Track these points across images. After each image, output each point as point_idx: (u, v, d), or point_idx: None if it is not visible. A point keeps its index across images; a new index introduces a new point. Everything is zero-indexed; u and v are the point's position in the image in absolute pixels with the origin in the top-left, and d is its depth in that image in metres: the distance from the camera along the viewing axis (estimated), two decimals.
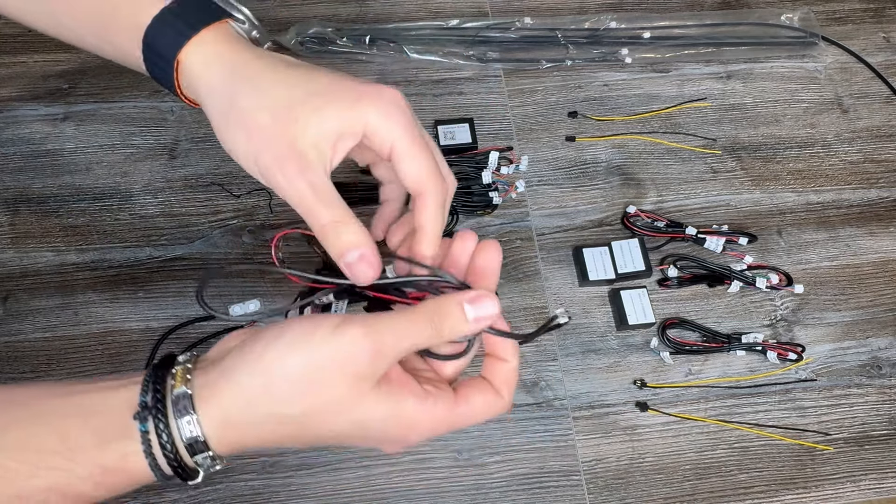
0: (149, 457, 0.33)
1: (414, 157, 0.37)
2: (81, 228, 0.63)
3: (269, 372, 0.33)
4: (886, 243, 0.67)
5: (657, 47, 0.75)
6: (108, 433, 0.33)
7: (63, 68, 0.71)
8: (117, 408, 0.34)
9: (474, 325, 0.35)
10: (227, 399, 0.34)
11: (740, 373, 0.61)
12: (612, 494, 0.56)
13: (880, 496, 0.57)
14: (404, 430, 0.35)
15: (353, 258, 0.35)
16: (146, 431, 0.33)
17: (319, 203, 0.36)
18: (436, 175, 0.38)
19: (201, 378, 0.34)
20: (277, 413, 0.34)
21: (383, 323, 0.34)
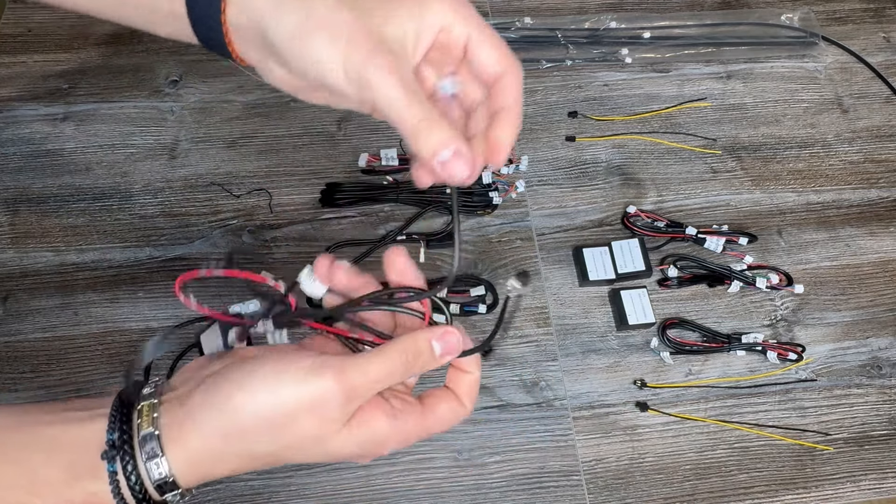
0: (117, 496, 0.33)
1: (491, 42, 0.37)
2: (81, 228, 0.63)
3: (239, 413, 0.33)
4: (886, 243, 0.67)
5: (657, 47, 0.75)
6: (76, 470, 0.33)
7: (63, 68, 0.71)
8: (84, 444, 0.34)
9: (442, 360, 0.36)
10: (195, 441, 0.34)
11: (740, 373, 0.61)
12: (612, 494, 0.56)
13: (880, 496, 0.57)
14: (377, 447, 0.36)
15: (448, 156, 0.34)
16: (114, 472, 0.33)
17: (410, 98, 0.34)
18: (513, 55, 0.37)
19: (168, 416, 0.34)
20: (249, 451, 0.34)
21: (356, 367, 0.34)
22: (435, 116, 0.34)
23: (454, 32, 0.36)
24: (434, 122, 0.34)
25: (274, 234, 0.64)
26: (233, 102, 0.70)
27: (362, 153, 0.67)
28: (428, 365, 0.36)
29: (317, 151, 0.68)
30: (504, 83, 0.37)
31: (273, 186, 0.66)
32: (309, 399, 0.33)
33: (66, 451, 0.34)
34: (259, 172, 0.67)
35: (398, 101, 0.33)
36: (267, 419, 0.33)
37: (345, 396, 0.33)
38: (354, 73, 0.34)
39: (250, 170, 0.67)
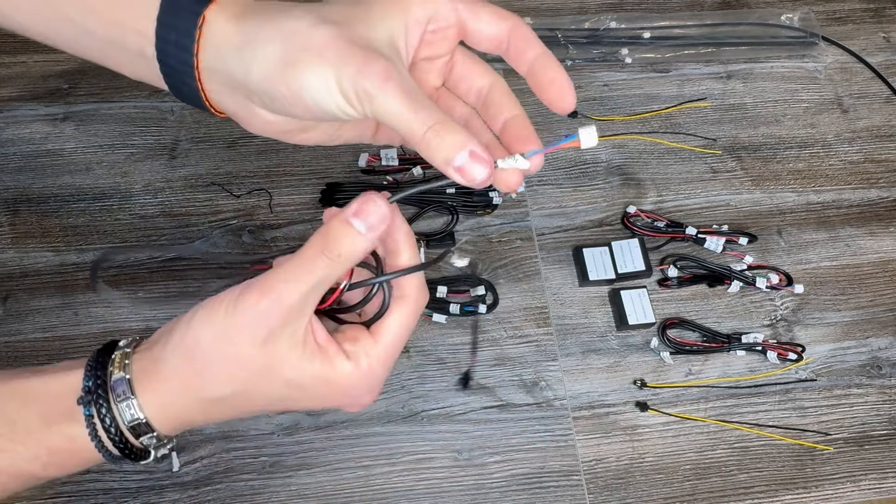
0: (94, 439, 0.34)
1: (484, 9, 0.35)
2: (81, 228, 0.63)
3: (189, 356, 0.34)
4: (886, 243, 0.67)
5: (657, 47, 0.75)
6: (52, 416, 0.34)
7: (63, 68, 0.71)
8: (61, 392, 0.34)
9: (371, 235, 0.33)
10: (161, 384, 0.34)
11: (740, 373, 0.61)
12: (612, 494, 0.56)
13: (880, 496, 0.57)
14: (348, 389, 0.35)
15: (464, 159, 0.32)
16: (90, 415, 0.34)
17: (414, 105, 0.32)
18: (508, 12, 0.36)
19: (139, 363, 0.35)
20: (209, 396, 0.35)
21: (277, 277, 0.33)
22: (443, 119, 0.32)
23: (442, 16, 0.35)
24: (443, 127, 0.32)
25: (274, 234, 0.64)
26: None
27: (362, 153, 0.67)
28: (355, 245, 0.33)
29: (317, 151, 0.68)
30: (518, 36, 0.35)
31: (273, 186, 0.66)
32: (243, 325, 0.33)
33: (43, 399, 0.35)
34: (259, 172, 0.67)
35: (401, 108, 0.32)
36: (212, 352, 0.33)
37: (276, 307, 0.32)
38: (351, 89, 0.32)
39: (250, 170, 0.67)
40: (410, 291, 0.36)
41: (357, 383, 0.35)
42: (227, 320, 0.33)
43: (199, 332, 0.34)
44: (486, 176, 0.32)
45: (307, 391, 0.35)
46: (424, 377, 0.59)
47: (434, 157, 0.32)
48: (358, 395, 0.36)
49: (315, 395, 0.35)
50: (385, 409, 0.57)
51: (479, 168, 0.32)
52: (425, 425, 0.57)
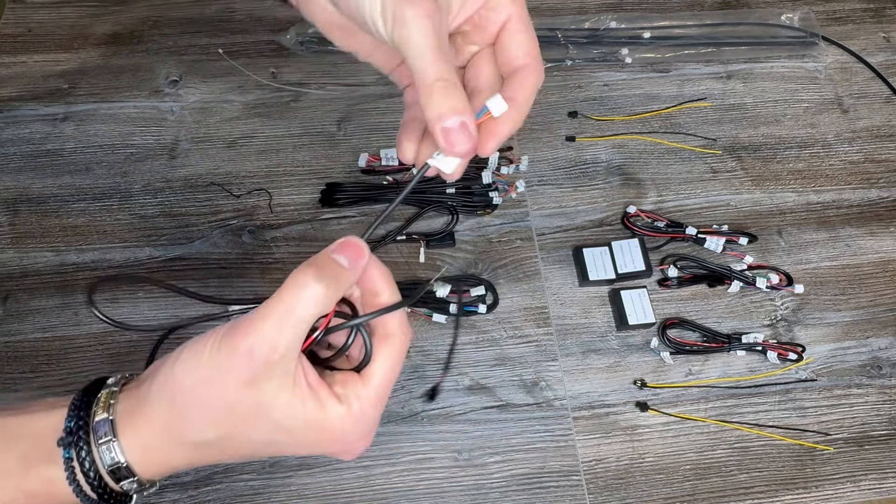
0: (73, 483, 0.33)
1: (527, 31, 0.36)
2: (81, 228, 0.63)
3: (173, 399, 0.33)
4: (886, 243, 0.67)
5: (657, 47, 0.75)
6: (32, 458, 0.33)
7: (63, 68, 0.71)
8: (43, 432, 0.33)
9: (352, 269, 0.34)
10: (143, 427, 0.33)
11: (740, 373, 0.61)
12: (612, 494, 0.56)
13: (880, 496, 0.57)
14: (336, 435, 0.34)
15: (455, 124, 0.32)
16: (69, 458, 0.33)
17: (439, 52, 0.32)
18: (539, 54, 0.37)
19: (124, 403, 0.34)
20: (192, 440, 0.33)
21: (259, 314, 0.32)
22: (456, 81, 0.32)
23: (497, 9, 0.35)
24: (452, 87, 0.32)
25: (274, 234, 0.64)
26: (233, 102, 0.70)
27: (362, 153, 0.67)
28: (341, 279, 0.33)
29: (317, 151, 0.68)
30: (522, 77, 0.36)
31: (273, 186, 0.66)
32: (227, 364, 0.32)
33: (24, 440, 0.34)
34: (259, 172, 0.67)
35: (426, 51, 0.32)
36: (196, 396, 0.32)
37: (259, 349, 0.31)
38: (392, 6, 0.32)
39: (250, 170, 0.67)
40: (394, 330, 0.36)
41: (350, 428, 0.34)
42: (210, 362, 0.32)
43: (182, 373, 0.33)
44: (466, 149, 0.33)
45: (295, 436, 0.34)
46: (424, 377, 0.59)
47: (429, 108, 0.32)
48: (351, 442, 0.35)
49: (305, 440, 0.34)
50: (385, 409, 0.57)
51: (464, 140, 0.33)
52: (425, 425, 0.57)
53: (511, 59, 0.36)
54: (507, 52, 0.36)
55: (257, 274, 0.62)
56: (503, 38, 0.36)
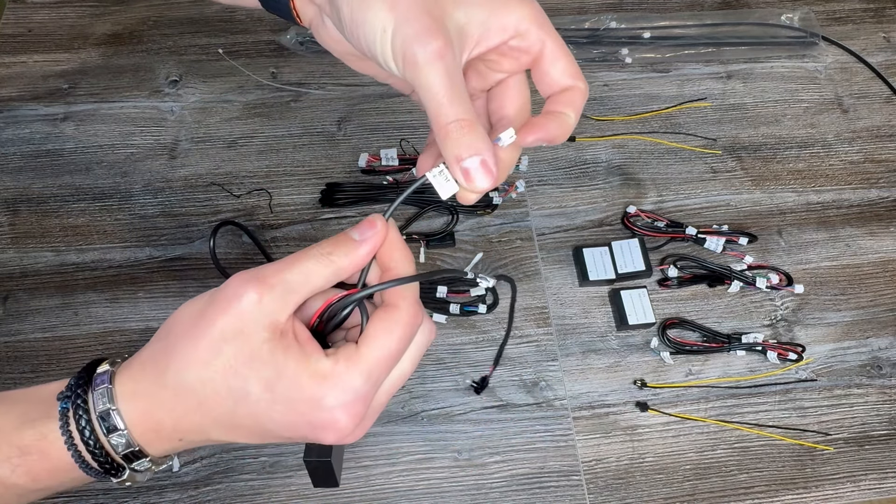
0: (65, 434, 0.32)
1: (567, 56, 0.36)
2: (81, 228, 0.63)
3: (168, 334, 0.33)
4: (886, 243, 0.67)
5: (657, 47, 0.75)
6: (29, 415, 0.33)
7: (63, 68, 0.71)
8: (42, 397, 0.34)
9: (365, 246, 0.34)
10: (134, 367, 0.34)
11: (740, 373, 0.61)
12: (612, 494, 0.56)
13: (880, 496, 0.57)
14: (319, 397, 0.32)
15: (474, 164, 0.32)
16: (66, 409, 0.33)
17: (452, 93, 0.32)
18: (581, 73, 0.37)
19: (125, 366, 0.35)
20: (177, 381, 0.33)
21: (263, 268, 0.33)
22: (472, 118, 0.32)
23: (529, 39, 0.35)
24: (469, 126, 0.32)
25: (274, 234, 0.64)
26: (233, 102, 0.70)
27: (362, 153, 0.67)
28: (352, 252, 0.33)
29: (317, 151, 0.68)
30: (571, 95, 0.36)
31: (273, 186, 0.66)
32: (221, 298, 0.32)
33: (23, 402, 0.34)
34: (259, 172, 0.67)
35: (439, 91, 0.32)
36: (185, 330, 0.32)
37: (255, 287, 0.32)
38: (401, 48, 0.32)
39: (250, 170, 0.67)
40: (396, 301, 0.34)
41: (331, 391, 0.32)
42: (205, 299, 0.33)
43: (180, 312, 0.34)
44: (486, 187, 0.33)
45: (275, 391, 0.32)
46: (424, 377, 0.59)
47: (448, 150, 0.32)
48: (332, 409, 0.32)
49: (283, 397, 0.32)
50: (385, 409, 0.57)
51: (483, 178, 0.32)
52: (425, 425, 0.57)
53: (555, 83, 0.37)
54: (551, 78, 0.36)
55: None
56: (543, 67, 0.36)
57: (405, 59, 0.32)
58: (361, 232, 0.34)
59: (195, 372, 0.32)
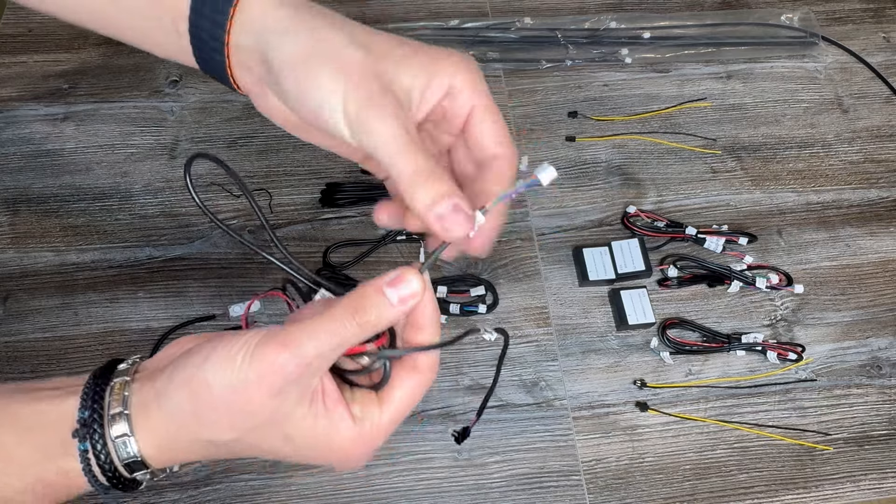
0: (88, 474, 0.33)
1: (495, 120, 0.36)
2: (81, 228, 0.63)
3: (196, 398, 0.33)
4: (886, 243, 0.67)
5: (657, 47, 0.75)
6: (48, 450, 0.33)
7: (63, 68, 0.71)
8: (56, 422, 0.33)
9: (401, 307, 0.33)
10: (160, 423, 0.33)
11: (740, 373, 0.61)
12: (612, 494, 0.56)
13: (880, 496, 0.57)
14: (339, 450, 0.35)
15: (447, 208, 0.32)
16: (85, 450, 0.33)
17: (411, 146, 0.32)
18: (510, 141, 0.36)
19: (138, 395, 0.34)
20: (207, 439, 0.34)
21: (302, 332, 0.32)
22: (435, 167, 0.32)
23: (460, 100, 0.35)
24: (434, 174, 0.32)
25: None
26: (233, 102, 0.70)
27: None
28: (383, 315, 0.33)
29: (317, 151, 0.68)
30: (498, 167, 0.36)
31: (273, 186, 0.66)
32: (258, 372, 0.32)
33: (38, 430, 0.34)
34: (259, 172, 0.67)
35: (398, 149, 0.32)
36: (221, 400, 0.32)
37: (296, 364, 0.32)
38: (354, 113, 0.32)
39: (250, 170, 0.67)
40: (423, 367, 0.35)
41: (355, 448, 0.35)
42: (242, 368, 0.32)
43: (211, 376, 0.32)
44: (465, 231, 0.33)
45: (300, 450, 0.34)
46: None
47: (417, 201, 0.32)
48: (352, 458, 0.35)
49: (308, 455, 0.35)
50: None
51: (461, 221, 0.32)
52: (425, 425, 0.57)
53: (481, 148, 0.36)
54: (476, 141, 0.36)
55: (257, 274, 0.62)
56: (470, 129, 0.36)
57: (359, 125, 0.32)
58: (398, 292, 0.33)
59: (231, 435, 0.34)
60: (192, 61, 0.38)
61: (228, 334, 0.34)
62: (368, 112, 0.32)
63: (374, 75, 0.33)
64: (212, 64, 0.37)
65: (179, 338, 0.37)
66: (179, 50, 0.38)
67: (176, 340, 0.37)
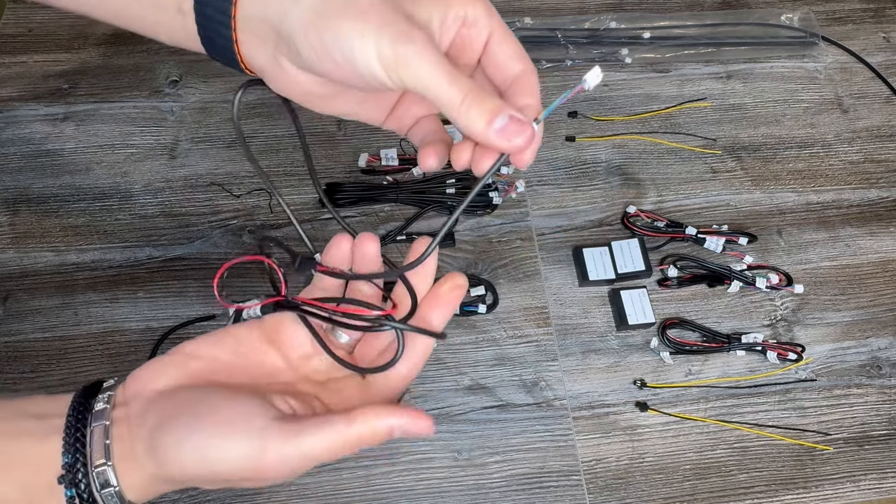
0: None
1: (512, 40, 0.36)
2: (81, 228, 0.63)
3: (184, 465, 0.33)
4: (886, 243, 0.67)
5: (657, 47, 0.75)
6: (32, 491, 0.33)
7: (63, 68, 0.71)
8: (40, 463, 0.34)
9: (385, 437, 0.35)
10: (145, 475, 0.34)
11: (740, 373, 0.61)
12: (612, 494, 0.56)
13: (880, 496, 0.57)
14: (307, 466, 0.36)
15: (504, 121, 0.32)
16: (73, 497, 0.33)
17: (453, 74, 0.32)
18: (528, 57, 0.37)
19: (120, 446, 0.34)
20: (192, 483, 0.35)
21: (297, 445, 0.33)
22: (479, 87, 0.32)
23: (477, 27, 0.35)
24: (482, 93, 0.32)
25: (274, 235, 0.64)
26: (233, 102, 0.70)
27: (362, 153, 0.67)
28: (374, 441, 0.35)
29: (317, 151, 0.68)
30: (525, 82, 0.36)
31: (273, 186, 0.66)
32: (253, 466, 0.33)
33: (21, 469, 0.34)
34: None
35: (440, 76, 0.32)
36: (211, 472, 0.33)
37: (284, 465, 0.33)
38: (389, 52, 0.32)
39: (250, 170, 0.67)
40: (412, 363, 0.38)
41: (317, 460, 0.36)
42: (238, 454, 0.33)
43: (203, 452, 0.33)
44: (527, 141, 0.33)
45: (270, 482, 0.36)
46: (424, 377, 0.59)
47: (474, 123, 0.32)
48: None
49: None
50: None
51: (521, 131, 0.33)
52: None
53: (505, 69, 0.36)
54: (500, 63, 0.36)
55: (257, 274, 0.62)
56: (492, 52, 0.36)
57: (396, 61, 0.32)
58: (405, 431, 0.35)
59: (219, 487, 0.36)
60: (198, 45, 0.37)
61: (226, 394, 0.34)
62: (405, 48, 0.32)
63: (395, 10, 0.32)
64: (219, 42, 0.36)
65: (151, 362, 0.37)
66: (184, 31, 0.37)
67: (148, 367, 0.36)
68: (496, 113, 0.32)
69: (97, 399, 0.35)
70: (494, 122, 0.32)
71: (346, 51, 0.32)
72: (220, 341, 0.38)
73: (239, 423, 0.33)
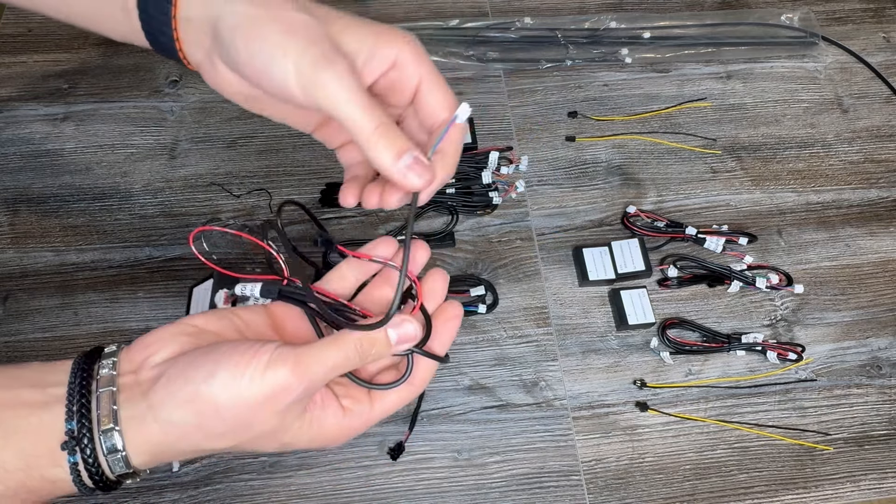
0: (78, 483, 0.33)
1: (442, 87, 0.37)
2: (81, 228, 0.63)
3: (201, 415, 0.33)
4: (886, 243, 0.67)
5: (657, 47, 0.75)
6: (34, 458, 0.33)
7: (63, 68, 0.71)
8: (41, 430, 0.33)
9: (397, 349, 0.36)
10: (155, 435, 0.34)
11: (740, 373, 0.61)
12: (612, 494, 0.56)
13: (880, 496, 0.57)
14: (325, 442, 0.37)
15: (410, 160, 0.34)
16: (76, 462, 0.33)
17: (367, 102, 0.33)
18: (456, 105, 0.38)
19: (129, 409, 0.34)
20: (209, 446, 0.35)
21: (311, 356, 0.34)
22: (392, 122, 0.34)
23: (408, 71, 0.36)
24: (393, 128, 0.34)
25: (274, 234, 0.64)
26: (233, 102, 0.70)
27: None
28: (382, 353, 0.36)
29: (317, 151, 0.68)
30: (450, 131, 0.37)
31: (273, 186, 0.66)
32: (268, 394, 0.33)
33: (23, 437, 0.33)
34: (259, 172, 0.67)
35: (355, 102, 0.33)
36: (230, 418, 0.33)
37: (303, 385, 0.33)
38: (308, 73, 0.33)
39: (250, 170, 0.67)
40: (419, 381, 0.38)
41: (339, 435, 0.37)
42: (252, 388, 0.32)
43: (218, 394, 0.33)
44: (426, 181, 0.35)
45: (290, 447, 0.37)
46: None
47: (382, 155, 0.34)
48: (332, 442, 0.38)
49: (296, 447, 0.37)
50: None
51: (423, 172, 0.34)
52: (425, 425, 0.57)
53: (433, 115, 0.38)
54: (427, 110, 0.38)
55: (257, 274, 0.62)
56: (420, 99, 0.37)
57: (314, 84, 0.33)
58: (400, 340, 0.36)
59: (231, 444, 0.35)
60: (143, 41, 0.38)
61: (228, 346, 0.34)
62: (324, 69, 0.32)
63: (323, 34, 0.34)
64: (162, 40, 0.38)
65: (158, 330, 0.37)
66: (129, 28, 0.38)
67: (156, 334, 0.36)
68: (404, 150, 0.34)
69: (101, 365, 0.36)
70: (401, 160, 0.34)
71: (267, 62, 0.33)
72: (228, 322, 0.38)
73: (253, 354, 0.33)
